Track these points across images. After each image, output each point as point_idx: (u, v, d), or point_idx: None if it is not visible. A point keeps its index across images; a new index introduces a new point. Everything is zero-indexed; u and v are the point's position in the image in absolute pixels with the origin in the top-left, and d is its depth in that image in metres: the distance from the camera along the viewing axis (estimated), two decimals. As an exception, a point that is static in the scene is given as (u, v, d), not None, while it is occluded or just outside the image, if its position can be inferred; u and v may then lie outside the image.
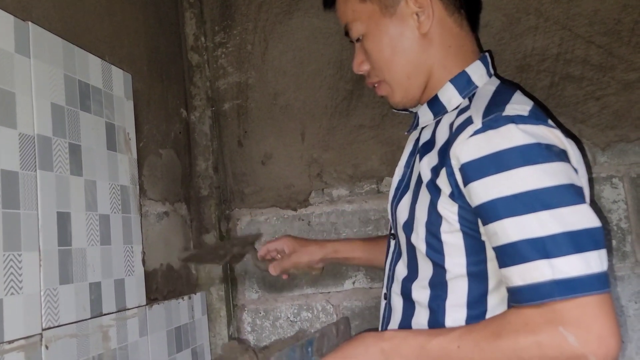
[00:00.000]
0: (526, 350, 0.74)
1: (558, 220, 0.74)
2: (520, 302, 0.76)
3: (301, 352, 1.00)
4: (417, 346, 0.84)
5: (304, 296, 1.52)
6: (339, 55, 1.51)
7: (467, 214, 0.85)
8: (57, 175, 0.97)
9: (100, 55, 1.15)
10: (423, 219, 0.91)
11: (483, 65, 0.96)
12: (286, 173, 1.55)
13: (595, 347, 0.70)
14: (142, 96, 1.32)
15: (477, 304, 0.88)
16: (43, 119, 0.95)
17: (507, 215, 0.76)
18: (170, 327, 1.31)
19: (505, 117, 0.80)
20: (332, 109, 1.52)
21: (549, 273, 0.73)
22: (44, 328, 0.89)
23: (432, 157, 0.91)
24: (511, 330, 0.76)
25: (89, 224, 1.04)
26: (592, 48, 1.28)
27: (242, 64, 1.59)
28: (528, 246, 0.74)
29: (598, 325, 0.71)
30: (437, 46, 0.95)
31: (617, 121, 1.26)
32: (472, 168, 0.80)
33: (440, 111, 0.96)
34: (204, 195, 1.55)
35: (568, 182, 0.76)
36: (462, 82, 0.95)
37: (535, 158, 0.76)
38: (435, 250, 0.90)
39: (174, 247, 1.41)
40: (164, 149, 1.41)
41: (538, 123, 0.80)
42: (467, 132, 0.81)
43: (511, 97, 0.87)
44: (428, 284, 0.93)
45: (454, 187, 0.84)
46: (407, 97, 1.00)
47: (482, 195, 0.79)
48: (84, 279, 1.01)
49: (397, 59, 0.96)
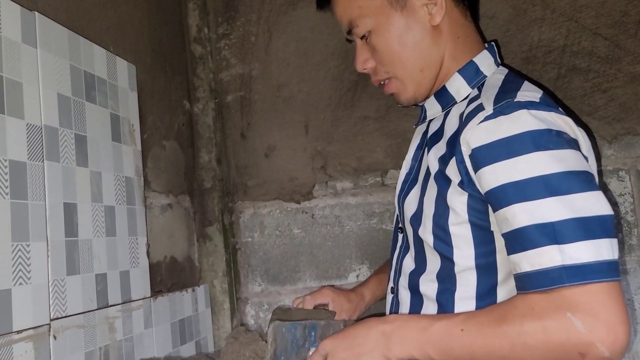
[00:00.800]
0: (531, 335, 0.73)
1: (569, 206, 0.73)
2: (528, 288, 0.75)
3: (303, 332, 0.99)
4: (419, 328, 0.83)
5: (307, 289, 1.51)
6: (343, 46, 1.50)
7: (476, 203, 0.84)
8: (63, 166, 0.96)
9: (105, 46, 1.14)
10: (431, 211, 0.91)
11: (490, 54, 0.96)
12: (290, 165, 1.54)
13: (603, 334, 0.69)
14: (146, 88, 1.31)
15: (486, 297, 0.87)
16: (50, 110, 0.94)
17: (518, 200, 0.75)
18: (175, 319, 1.30)
19: (517, 103, 0.79)
20: (337, 101, 1.51)
21: (558, 259, 0.72)
22: (52, 318, 0.89)
23: (439, 148, 0.90)
24: (517, 314, 0.75)
25: (94, 215, 1.04)
26: (598, 40, 1.27)
27: (246, 55, 1.58)
28: (538, 231, 0.73)
29: (606, 312, 0.70)
30: (446, 37, 0.95)
31: (624, 114, 1.26)
32: (483, 153, 0.79)
33: (448, 102, 0.96)
34: (207, 188, 1.55)
35: (580, 168, 0.76)
36: (471, 72, 0.94)
37: (547, 144, 0.76)
38: (443, 243, 0.90)
39: (177, 239, 1.40)
40: (168, 141, 1.40)
41: (549, 109, 0.79)
42: (478, 118, 0.81)
43: (521, 84, 0.86)
44: (436, 277, 0.92)
45: (463, 175, 0.83)
46: (419, 91, 0.99)
47: (493, 180, 0.78)
48: (90, 270, 1.00)
49: (409, 53, 0.95)
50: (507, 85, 0.87)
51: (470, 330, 0.78)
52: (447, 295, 0.91)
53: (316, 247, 1.51)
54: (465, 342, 0.78)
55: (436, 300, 0.92)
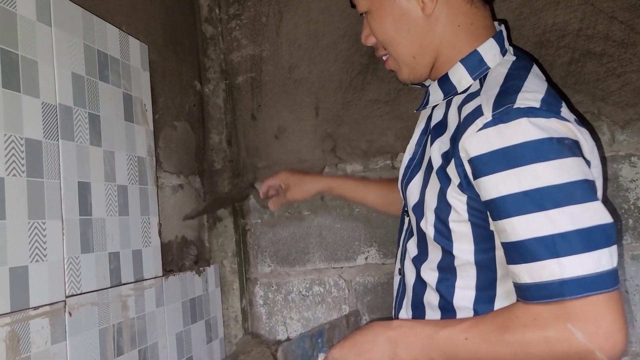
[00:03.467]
0: (534, 345, 0.75)
1: (569, 218, 0.73)
2: (529, 299, 0.76)
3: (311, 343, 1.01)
4: (424, 336, 0.85)
5: (316, 271, 1.53)
6: (354, 29, 1.49)
7: (476, 205, 0.84)
8: (77, 145, 0.96)
9: (118, 26, 1.14)
10: (432, 204, 0.91)
11: (497, 43, 0.93)
12: (300, 147, 1.54)
13: (602, 343, 0.71)
14: (158, 68, 1.31)
15: (487, 289, 0.88)
16: (64, 89, 0.94)
17: (517, 213, 0.75)
18: (185, 298, 1.32)
19: (517, 110, 0.77)
20: (347, 83, 1.51)
21: (558, 272, 0.72)
22: (67, 295, 0.90)
23: (444, 142, 0.89)
24: (519, 324, 0.77)
25: (107, 195, 1.05)
26: (614, 24, 1.26)
27: (257, 36, 1.58)
28: (537, 245, 0.74)
29: (606, 321, 0.71)
30: (444, 26, 0.93)
31: (638, 99, 1.24)
32: (482, 162, 0.78)
33: (450, 91, 0.94)
34: (218, 169, 1.55)
35: (580, 177, 0.75)
36: (474, 62, 0.92)
37: (547, 154, 0.75)
38: (443, 236, 0.90)
39: (188, 220, 1.41)
40: (179, 122, 1.40)
41: (550, 116, 0.78)
42: (477, 125, 0.79)
43: (524, 82, 0.84)
44: (437, 267, 0.93)
45: (462, 178, 0.83)
46: (413, 74, 0.99)
47: (492, 191, 0.78)
48: (103, 249, 1.01)
49: (400, 39, 0.95)
50: (509, 82, 0.85)
51: (474, 339, 0.81)
52: (447, 285, 0.92)
53: (325, 229, 1.52)
54: (469, 349, 0.81)
55: (436, 289, 0.93)
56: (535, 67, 0.91)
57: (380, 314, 1.47)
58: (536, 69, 0.90)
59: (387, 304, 1.47)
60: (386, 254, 1.47)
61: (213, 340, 1.45)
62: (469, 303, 0.89)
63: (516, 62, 0.91)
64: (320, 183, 1.32)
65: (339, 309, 1.50)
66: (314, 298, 1.53)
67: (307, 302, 1.53)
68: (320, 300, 1.52)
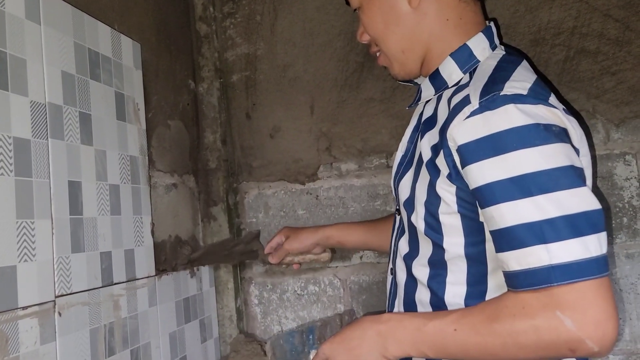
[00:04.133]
0: (523, 334, 0.75)
1: (555, 204, 0.73)
2: (517, 286, 0.76)
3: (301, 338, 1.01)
4: (413, 329, 0.85)
5: (311, 270, 1.52)
6: (349, 27, 1.48)
7: (465, 196, 0.84)
8: (68, 144, 0.96)
9: (110, 24, 1.13)
10: (422, 198, 0.91)
11: (486, 37, 0.94)
12: (294, 147, 1.54)
13: (591, 331, 0.71)
14: (151, 66, 1.31)
15: (477, 284, 0.88)
16: (54, 87, 0.94)
17: (504, 199, 0.75)
18: (179, 298, 1.31)
19: (503, 96, 0.77)
20: (342, 82, 1.50)
21: (546, 258, 0.72)
22: (57, 295, 0.90)
23: (433, 135, 0.89)
24: (508, 314, 0.76)
25: (99, 194, 1.04)
26: (609, 22, 1.25)
27: (251, 34, 1.57)
28: (525, 231, 0.74)
29: (595, 309, 0.71)
30: (432, 19, 0.93)
31: (633, 97, 1.24)
32: (469, 150, 0.79)
33: (441, 86, 0.95)
34: (212, 168, 1.55)
35: (567, 163, 0.75)
36: (463, 56, 0.93)
37: (533, 140, 0.75)
38: (433, 230, 0.90)
39: (182, 219, 1.41)
40: (172, 121, 1.40)
41: (537, 102, 0.78)
42: (464, 113, 0.80)
43: (512, 73, 0.84)
44: (428, 262, 0.93)
45: (451, 168, 0.83)
46: (404, 69, 1.00)
47: (479, 178, 0.78)
48: (95, 248, 1.01)
49: (390, 34, 0.96)
50: (497, 73, 0.85)
51: (463, 329, 0.80)
52: (438, 280, 0.92)
53: (320, 228, 1.51)
54: (458, 341, 0.81)
55: (427, 285, 0.93)
56: (525, 61, 0.91)
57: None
58: (526, 63, 0.91)
59: (382, 302, 1.47)
60: (381, 253, 1.47)
61: (207, 340, 1.44)
62: (460, 299, 0.89)
63: (506, 55, 0.92)
64: (317, 234, 1.30)
65: (334, 308, 1.50)
66: (309, 297, 1.52)
67: (303, 301, 1.53)
68: (316, 299, 1.52)
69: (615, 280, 1.25)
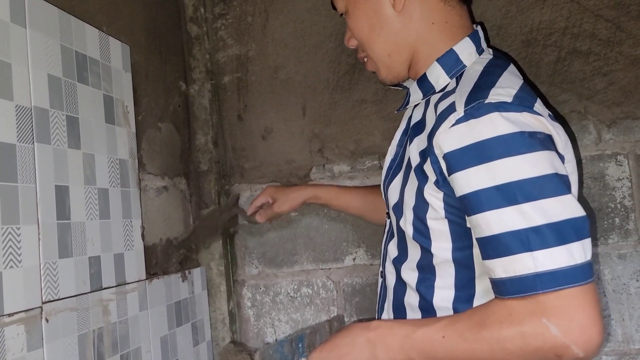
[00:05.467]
0: (510, 341, 0.75)
1: (541, 212, 0.73)
2: (504, 294, 0.77)
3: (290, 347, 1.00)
4: (402, 336, 0.86)
5: (304, 272, 1.51)
6: (341, 28, 1.48)
7: (452, 202, 0.84)
8: (54, 148, 0.95)
9: (98, 26, 1.12)
10: (411, 203, 0.91)
11: (472, 42, 0.94)
12: (287, 148, 1.53)
13: (577, 337, 0.71)
14: (141, 69, 1.30)
15: (465, 288, 0.88)
16: (40, 91, 0.93)
17: (489, 207, 0.76)
18: (170, 301, 1.31)
19: (488, 104, 0.78)
20: (334, 83, 1.49)
21: (531, 266, 0.73)
22: (44, 301, 0.89)
23: (422, 140, 0.89)
24: (495, 321, 0.77)
25: (87, 198, 1.03)
26: (600, 22, 1.25)
27: (242, 36, 1.56)
28: (511, 239, 0.74)
29: (580, 315, 0.71)
30: (417, 23, 0.93)
31: (624, 97, 1.24)
32: (455, 158, 0.79)
33: (429, 90, 0.95)
34: (204, 170, 1.54)
35: (552, 171, 0.75)
36: (450, 61, 0.93)
37: (518, 148, 0.75)
38: (422, 235, 0.90)
39: (173, 222, 1.40)
40: (163, 123, 1.39)
41: (522, 110, 0.78)
42: (450, 121, 0.80)
43: (498, 78, 0.84)
44: (416, 267, 0.93)
45: (438, 175, 0.83)
46: (391, 73, 1.00)
47: (465, 186, 0.78)
48: (83, 253, 1.00)
49: (375, 37, 0.96)
50: (483, 79, 0.85)
51: (451, 336, 0.81)
52: (426, 285, 0.92)
53: (313, 230, 1.51)
54: (447, 348, 0.81)
55: (416, 289, 0.93)
56: (512, 66, 0.91)
57: (369, 314, 1.46)
58: (513, 68, 0.91)
59: (375, 305, 1.46)
60: (374, 255, 1.47)
61: (200, 344, 1.44)
62: (448, 303, 0.89)
63: (493, 60, 0.91)
64: (306, 192, 1.33)
65: (328, 310, 1.49)
66: (302, 299, 1.52)
67: (296, 303, 1.52)
68: (309, 301, 1.51)
69: (607, 280, 1.25)
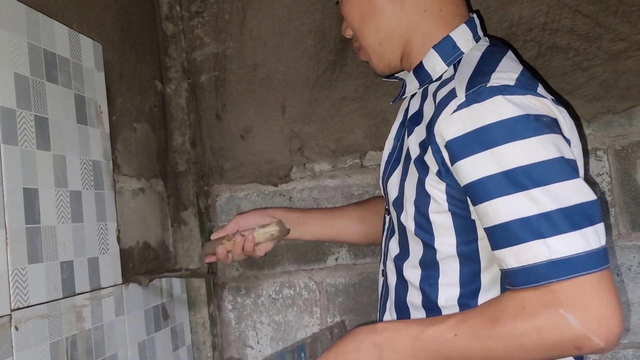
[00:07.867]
0: (526, 336, 0.72)
1: (551, 196, 0.70)
2: (517, 284, 0.73)
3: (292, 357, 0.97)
4: (410, 337, 0.81)
5: (286, 273, 1.49)
6: (320, 24, 1.46)
7: (456, 193, 0.81)
8: (22, 150, 0.91)
9: (68, 24, 1.09)
10: (412, 197, 0.88)
11: (469, 29, 0.91)
12: (266, 148, 1.51)
13: (596, 327, 0.68)
14: (114, 68, 1.26)
15: (470, 283, 0.85)
16: (5, 90, 0.89)
17: (497, 194, 0.73)
18: (148, 306, 1.27)
19: (491, 88, 0.75)
20: (314, 81, 1.47)
21: (545, 253, 0.69)
22: (13, 309, 0.85)
23: (420, 131, 0.87)
24: (509, 315, 0.73)
25: (58, 201, 1.00)
26: (578, 17, 1.25)
27: (220, 34, 1.53)
28: (521, 226, 0.71)
29: (598, 304, 0.68)
30: (409, 11, 0.92)
31: (604, 92, 1.24)
32: (458, 145, 0.76)
33: (425, 79, 0.92)
34: (182, 171, 1.51)
35: (559, 155, 0.72)
36: (447, 48, 0.90)
37: (524, 132, 0.72)
38: (424, 230, 0.87)
39: (150, 224, 1.37)
40: (139, 123, 1.36)
41: (525, 92, 0.75)
42: (451, 107, 0.77)
43: (498, 64, 0.82)
44: (419, 264, 0.90)
45: (440, 165, 0.80)
46: (383, 62, 0.98)
47: (471, 174, 0.75)
48: (54, 258, 0.96)
49: (366, 25, 0.95)
50: (483, 64, 0.83)
51: (463, 335, 0.77)
52: (430, 282, 0.89)
53: (294, 230, 1.48)
54: (460, 347, 0.77)
55: (419, 287, 0.90)
56: (510, 52, 0.89)
57: (353, 315, 1.45)
58: (511, 54, 0.88)
59: (359, 304, 1.45)
60: (357, 254, 1.45)
61: (180, 348, 1.40)
62: (453, 300, 0.86)
63: (490, 47, 0.90)
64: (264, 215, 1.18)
65: (310, 311, 1.47)
66: (284, 301, 1.50)
67: (278, 305, 1.50)
68: (291, 303, 1.49)
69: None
